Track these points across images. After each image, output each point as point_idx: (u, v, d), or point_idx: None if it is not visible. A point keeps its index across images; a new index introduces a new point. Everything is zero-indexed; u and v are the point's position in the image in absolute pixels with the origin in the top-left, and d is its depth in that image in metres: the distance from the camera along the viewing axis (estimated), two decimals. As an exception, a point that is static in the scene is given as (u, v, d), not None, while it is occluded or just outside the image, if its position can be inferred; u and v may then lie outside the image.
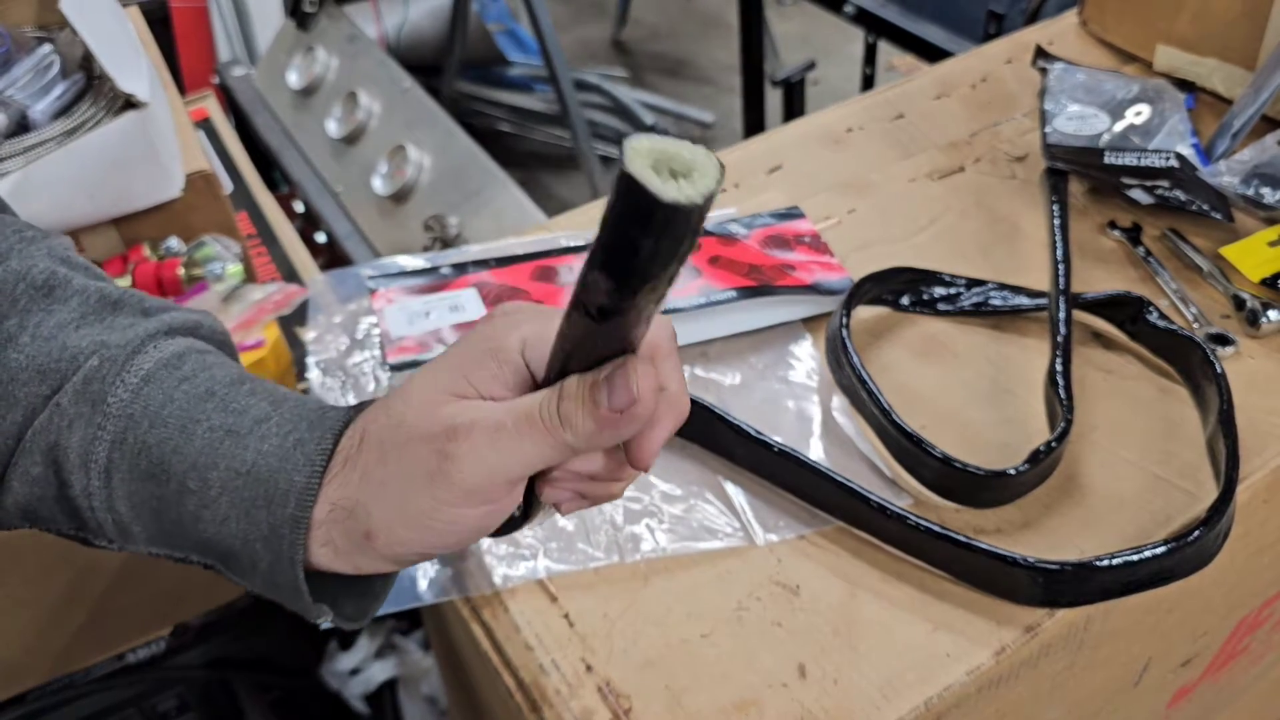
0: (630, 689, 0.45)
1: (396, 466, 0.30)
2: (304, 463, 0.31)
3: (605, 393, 0.29)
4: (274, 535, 0.31)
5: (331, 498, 0.31)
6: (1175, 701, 0.65)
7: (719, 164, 0.23)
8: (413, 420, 0.30)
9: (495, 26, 2.17)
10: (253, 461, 0.31)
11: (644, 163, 0.23)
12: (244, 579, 0.33)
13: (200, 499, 0.31)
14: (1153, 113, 0.70)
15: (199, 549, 0.33)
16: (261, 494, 0.31)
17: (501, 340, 0.31)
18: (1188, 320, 0.60)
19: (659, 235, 0.23)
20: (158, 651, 0.76)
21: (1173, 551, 0.45)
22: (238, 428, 0.32)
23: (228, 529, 0.31)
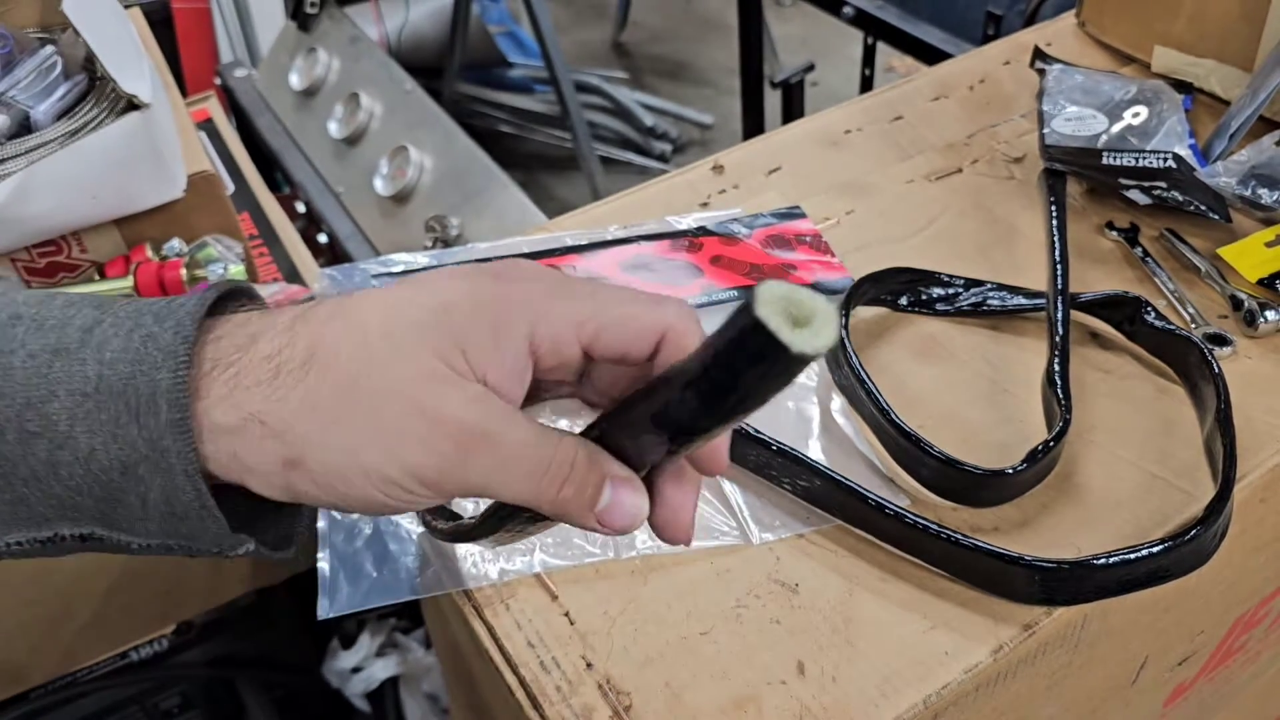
0: (630, 686, 0.45)
1: (364, 418, 0.26)
2: (162, 358, 0.26)
3: (606, 502, 0.28)
4: (156, 451, 0.26)
5: (247, 407, 0.26)
6: (1173, 700, 0.65)
7: (836, 312, 0.24)
8: (402, 377, 0.26)
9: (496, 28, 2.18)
10: (97, 375, 0.26)
11: (775, 310, 0.22)
12: (134, 532, 0.27)
13: (50, 441, 0.26)
14: (1150, 114, 0.70)
15: (68, 510, 0.27)
16: (123, 408, 0.26)
17: (508, 319, 0.27)
18: (1185, 320, 0.60)
19: (773, 379, 0.24)
20: (160, 649, 0.76)
21: (1170, 550, 0.46)
22: (64, 344, 0.26)
23: (97, 464, 0.26)
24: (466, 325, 0.27)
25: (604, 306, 0.28)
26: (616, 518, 0.28)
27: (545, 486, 0.27)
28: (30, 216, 0.61)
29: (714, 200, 0.71)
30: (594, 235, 0.66)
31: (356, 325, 0.27)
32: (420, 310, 0.27)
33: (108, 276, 0.66)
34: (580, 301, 0.28)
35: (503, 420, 0.27)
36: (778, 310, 0.22)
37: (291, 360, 0.26)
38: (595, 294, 0.28)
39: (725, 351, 0.24)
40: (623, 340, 0.28)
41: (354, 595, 0.50)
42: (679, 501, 0.30)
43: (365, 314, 0.27)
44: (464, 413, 0.26)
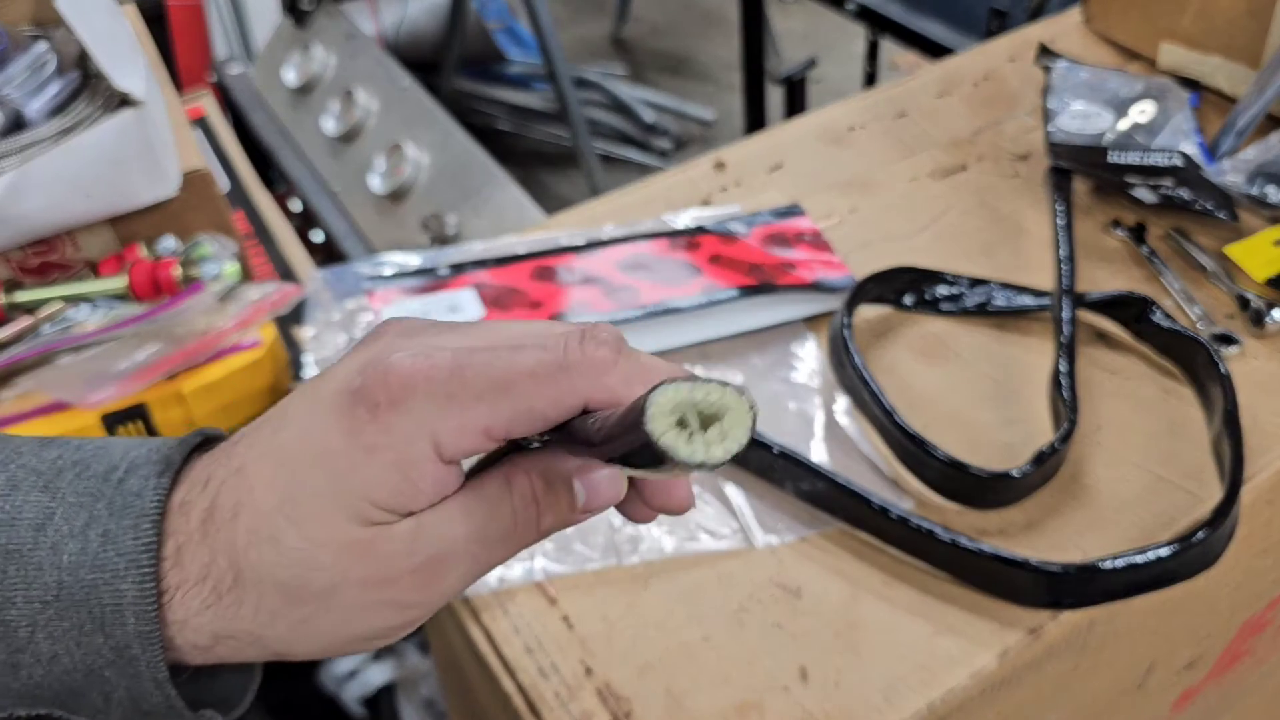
0: (630, 692, 0.44)
1: (324, 612, 0.25)
2: (124, 566, 0.25)
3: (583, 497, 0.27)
4: (123, 658, 0.25)
5: (213, 627, 0.25)
6: (1180, 704, 0.65)
7: (751, 409, 0.22)
8: (331, 564, 0.25)
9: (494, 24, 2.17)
10: (56, 583, 0.25)
11: (668, 422, 0.21)
12: (95, 718, 0.27)
13: (10, 644, 0.25)
14: (1157, 111, 0.70)
15: (25, 701, 0.26)
16: (87, 617, 0.25)
17: (409, 454, 0.24)
18: (1192, 320, 0.59)
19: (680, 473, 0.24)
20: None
21: (1177, 553, 0.45)
22: (15, 544, 0.25)
23: (59, 666, 0.25)
24: (371, 481, 0.25)
25: (501, 403, 0.25)
26: (599, 501, 0.27)
27: (524, 536, 0.27)
28: (23, 215, 0.60)
29: (715, 198, 0.70)
30: (590, 235, 0.66)
31: (260, 521, 0.25)
32: (309, 473, 0.25)
33: (101, 275, 0.65)
34: (475, 408, 0.24)
35: (447, 537, 0.25)
36: (672, 420, 0.21)
37: (223, 582, 0.25)
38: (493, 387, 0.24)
39: (629, 449, 0.23)
40: (537, 426, 0.25)
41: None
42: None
43: (260, 501, 0.25)
44: (409, 561, 0.25)
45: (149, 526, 0.25)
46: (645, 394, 0.22)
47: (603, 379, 0.25)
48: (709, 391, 0.22)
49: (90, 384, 0.65)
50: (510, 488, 0.26)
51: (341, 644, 0.26)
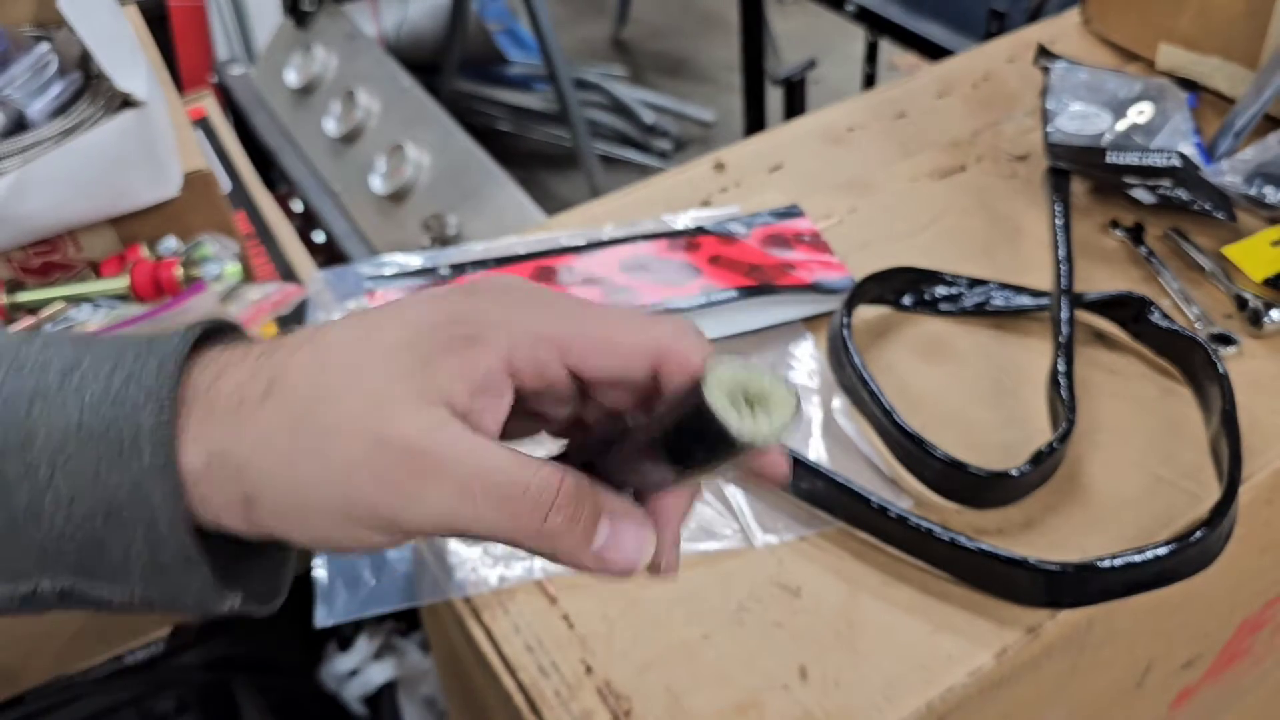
0: (630, 691, 0.45)
1: (315, 454, 0.24)
2: (144, 399, 0.24)
3: (605, 537, 0.25)
4: (139, 495, 0.24)
5: (211, 444, 0.25)
6: (1178, 703, 0.65)
7: (796, 396, 0.23)
8: (356, 408, 0.24)
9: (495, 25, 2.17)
10: (78, 418, 0.24)
11: (723, 394, 0.22)
12: (115, 585, 0.26)
13: (31, 486, 0.24)
14: (1155, 112, 0.70)
15: (49, 562, 0.25)
16: (105, 451, 0.24)
17: (481, 339, 0.25)
18: (1190, 320, 0.60)
19: (725, 458, 0.24)
20: (156, 652, 0.76)
21: (1175, 552, 0.45)
22: (42, 387, 0.25)
23: (79, 510, 0.25)
24: (434, 347, 0.25)
25: (588, 326, 0.26)
26: (618, 557, 0.25)
27: (525, 515, 0.24)
28: (25, 215, 0.60)
29: (715, 198, 0.70)
30: (590, 236, 0.66)
31: (319, 354, 0.25)
32: (386, 334, 0.25)
33: (103, 275, 0.65)
34: (563, 321, 0.25)
35: (463, 443, 0.24)
36: (727, 395, 0.23)
37: (253, 393, 0.25)
38: (581, 312, 0.26)
39: (676, 426, 0.24)
40: (612, 362, 0.26)
41: (352, 603, 0.50)
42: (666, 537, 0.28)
43: (330, 342, 0.25)
44: (417, 438, 0.24)
45: (172, 365, 0.25)
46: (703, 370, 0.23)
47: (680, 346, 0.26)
48: (758, 377, 0.23)
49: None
50: (541, 467, 0.25)
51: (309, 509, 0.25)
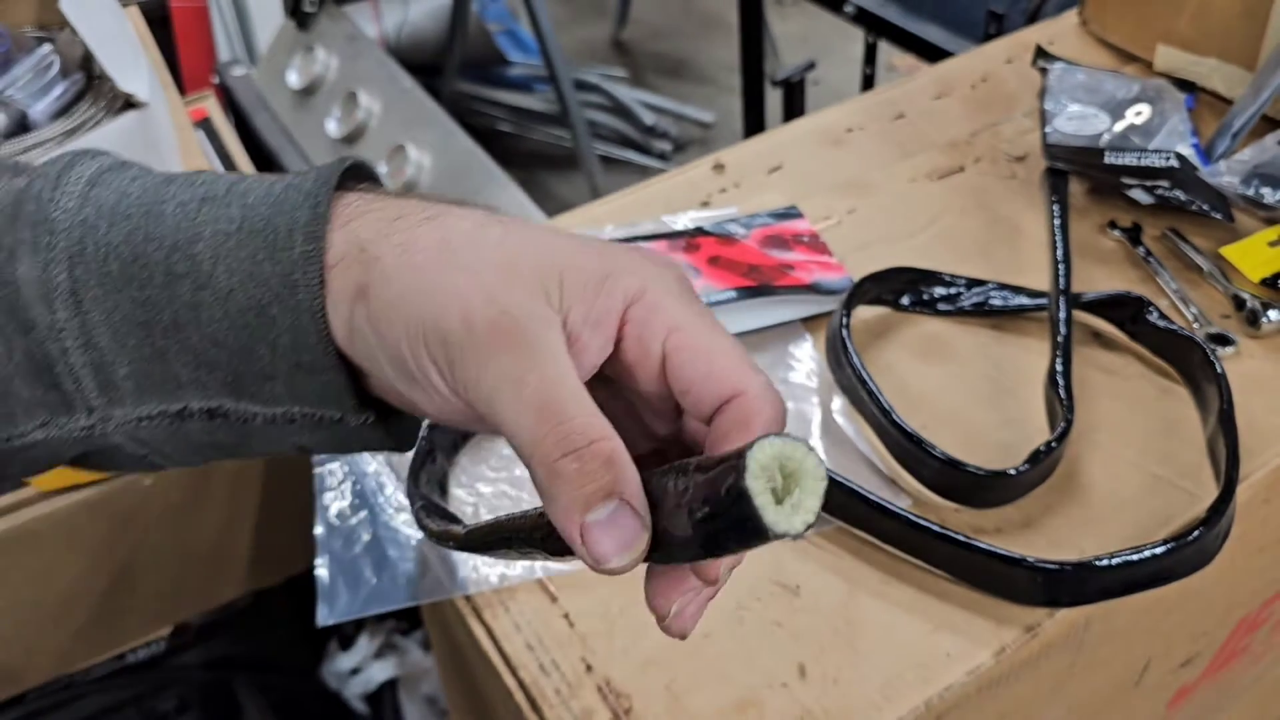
0: (630, 689, 0.45)
1: (440, 275, 0.25)
2: (302, 199, 0.26)
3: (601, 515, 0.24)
4: (287, 286, 0.25)
5: (357, 236, 0.26)
6: (1176, 702, 0.65)
7: (826, 478, 0.23)
8: (493, 269, 0.25)
9: (495, 26, 2.17)
10: (240, 217, 0.26)
11: (763, 478, 0.22)
12: (261, 397, 0.27)
13: (195, 280, 0.26)
14: (1153, 113, 0.70)
15: (202, 373, 0.26)
16: (261, 244, 0.25)
17: (623, 278, 0.26)
18: (1188, 320, 0.60)
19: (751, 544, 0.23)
20: (157, 652, 0.76)
21: (1173, 551, 0.45)
22: (212, 194, 0.27)
23: (235, 304, 0.26)
24: (578, 264, 0.26)
25: (700, 331, 0.26)
26: (605, 539, 0.24)
27: (548, 440, 0.24)
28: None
29: (714, 199, 0.70)
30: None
31: (492, 223, 0.27)
32: (549, 234, 0.27)
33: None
34: (683, 310, 0.26)
35: (554, 348, 0.25)
36: (766, 475, 0.22)
37: (417, 215, 0.26)
38: (701, 317, 0.26)
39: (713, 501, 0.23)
40: (694, 374, 0.26)
41: (353, 602, 0.50)
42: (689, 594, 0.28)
43: (508, 223, 0.27)
44: (525, 317, 0.25)
45: (329, 174, 0.27)
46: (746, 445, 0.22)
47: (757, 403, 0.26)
48: (796, 447, 0.22)
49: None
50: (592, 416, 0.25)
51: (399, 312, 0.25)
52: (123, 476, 0.67)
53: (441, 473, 0.54)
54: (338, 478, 0.57)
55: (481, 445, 0.56)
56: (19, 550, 0.66)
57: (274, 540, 0.76)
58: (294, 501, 0.66)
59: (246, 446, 0.29)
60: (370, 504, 0.55)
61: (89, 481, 0.66)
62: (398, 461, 0.56)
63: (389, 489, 0.55)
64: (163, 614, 0.76)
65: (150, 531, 0.70)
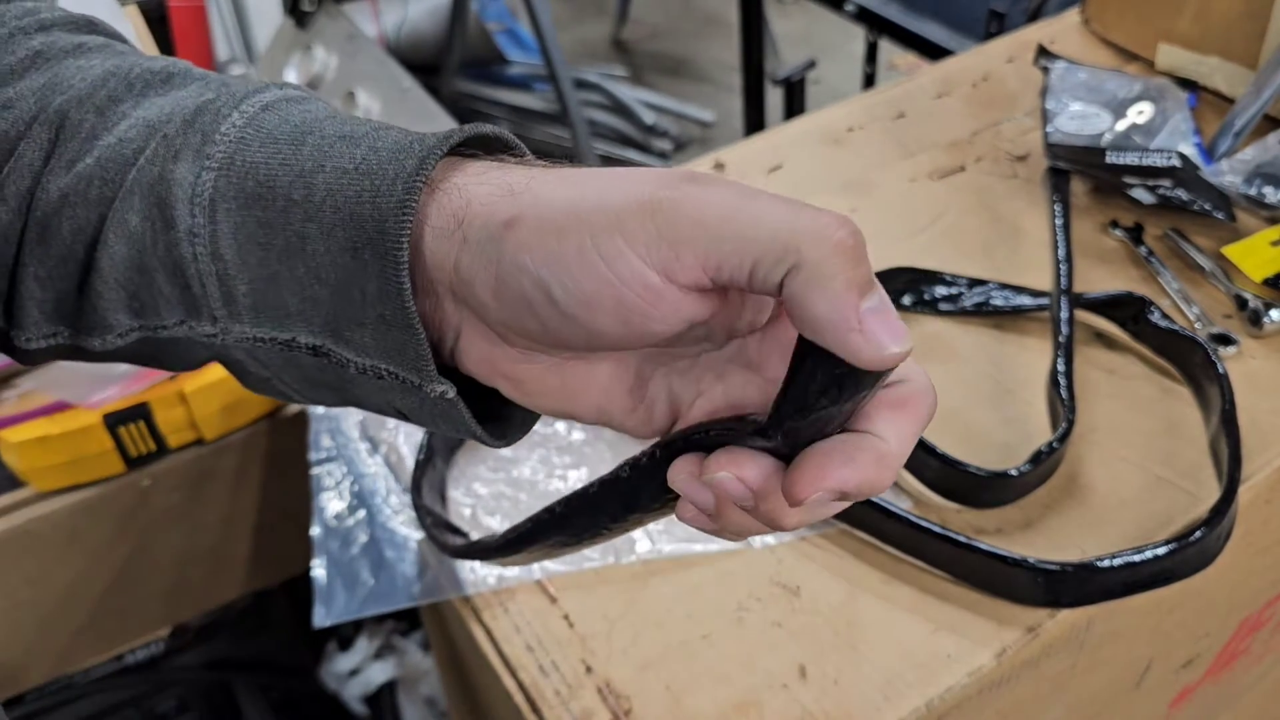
0: (630, 690, 0.45)
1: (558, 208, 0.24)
2: (419, 149, 0.26)
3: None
4: (379, 233, 0.25)
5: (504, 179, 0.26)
6: (1177, 702, 0.65)
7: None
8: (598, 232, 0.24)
9: (495, 25, 2.17)
10: (362, 158, 0.26)
11: None
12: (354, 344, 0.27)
13: (305, 210, 0.26)
14: (1155, 112, 0.70)
15: (308, 306, 0.27)
16: (367, 187, 0.26)
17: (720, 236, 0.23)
18: (1190, 320, 0.60)
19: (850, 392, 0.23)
20: (157, 652, 0.76)
21: (1174, 552, 0.45)
22: (353, 134, 0.27)
23: (335, 242, 0.26)
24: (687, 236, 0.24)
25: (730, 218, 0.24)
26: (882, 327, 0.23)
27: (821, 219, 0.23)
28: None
29: (714, 199, 0.70)
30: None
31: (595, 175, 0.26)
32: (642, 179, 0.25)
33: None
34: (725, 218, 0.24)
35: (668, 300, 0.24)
36: None
37: (539, 167, 0.26)
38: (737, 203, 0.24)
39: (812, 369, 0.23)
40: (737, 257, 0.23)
41: (351, 603, 0.50)
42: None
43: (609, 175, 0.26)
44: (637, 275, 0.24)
45: (454, 133, 0.26)
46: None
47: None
48: None
49: (92, 384, 0.65)
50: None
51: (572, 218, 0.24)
52: (121, 477, 0.67)
53: (440, 478, 0.54)
54: (335, 478, 0.56)
55: (478, 447, 0.56)
56: (18, 551, 0.66)
57: (273, 541, 0.76)
58: (293, 502, 0.66)
59: (352, 394, 0.29)
60: (368, 505, 0.54)
61: (88, 482, 0.66)
62: (396, 462, 0.56)
63: (387, 490, 0.55)
64: (162, 615, 0.76)
65: (149, 532, 0.70)
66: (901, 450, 0.24)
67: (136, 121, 0.28)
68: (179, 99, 0.29)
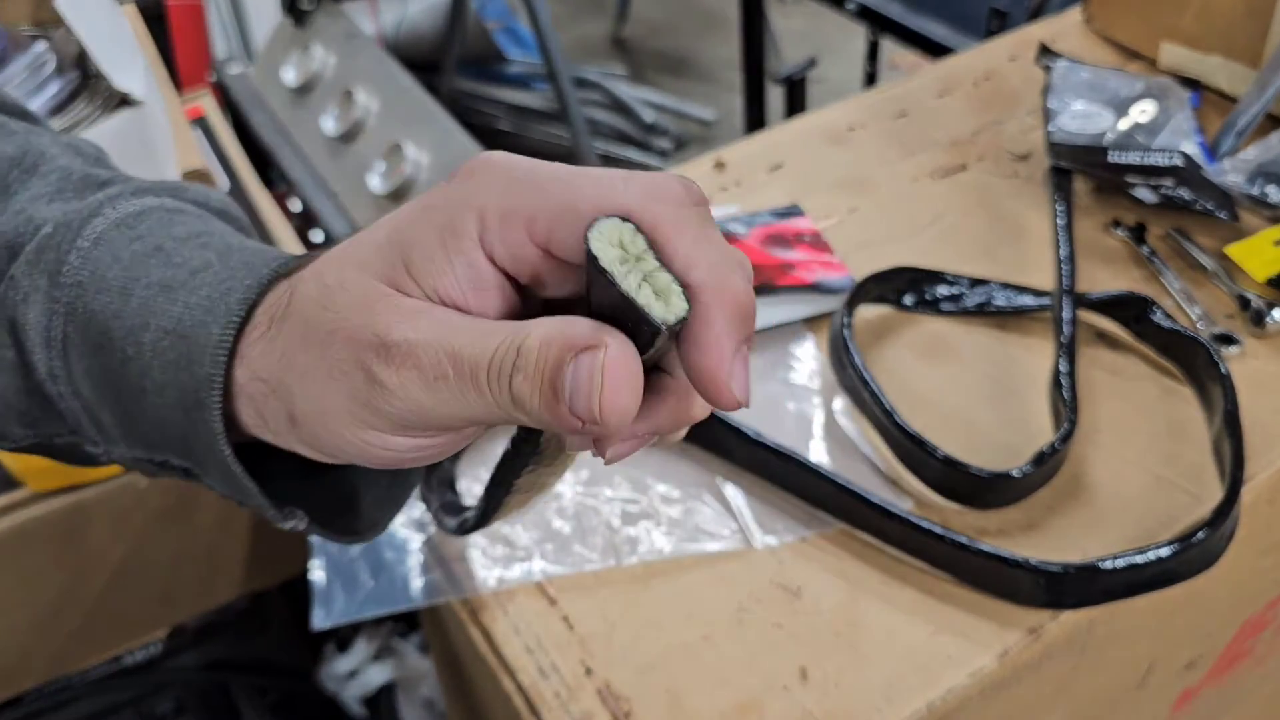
0: (630, 692, 0.44)
1: (318, 361, 0.24)
2: (224, 312, 0.26)
3: (567, 386, 0.22)
4: (197, 403, 0.26)
5: (255, 366, 0.26)
6: (1180, 704, 0.65)
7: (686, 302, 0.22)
8: (341, 307, 0.24)
9: (494, 24, 2.17)
10: (178, 316, 0.26)
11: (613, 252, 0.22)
12: (208, 476, 0.28)
13: (139, 367, 0.27)
14: (1157, 110, 0.69)
15: (165, 439, 0.28)
16: (184, 353, 0.26)
17: (455, 219, 0.23)
18: (1192, 320, 0.59)
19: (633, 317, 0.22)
20: (155, 653, 0.76)
21: (1177, 553, 0.45)
22: (173, 281, 0.27)
23: (167, 401, 0.27)
24: (413, 239, 0.24)
25: (552, 195, 0.23)
26: (579, 395, 0.22)
27: (491, 387, 0.22)
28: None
29: (715, 198, 0.70)
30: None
31: (323, 265, 0.26)
32: (375, 234, 0.25)
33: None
34: (532, 194, 0.23)
35: (437, 328, 0.23)
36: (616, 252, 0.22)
37: (278, 309, 0.26)
38: (551, 181, 0.23)
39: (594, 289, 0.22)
40: (571, 236, 0.23)
41: (350, 605, 0.50)
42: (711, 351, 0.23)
43: (334, 252, 0.26)
44: (389, 330, 0.23)
45: (256, 287, 0.26)
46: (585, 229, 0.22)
47: (657, 205, 0.23)
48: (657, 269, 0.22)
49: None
50: (513, 330, 0.23)
51: (328, 419, 0.25)
52: (118, 478, 0.67)
53: (449, 475, 0.54)
54: (335, 479, 0.56)
55: (481, 446, 0.55)
56: (15, 551, 0.66)
57: (271, 542, 0.76)
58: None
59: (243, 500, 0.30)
60: (368, 505, 0.54)
61: (85, 483, 0.66)
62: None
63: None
64: (159, 616, 0.76)
65: (146, 533, 0.70)
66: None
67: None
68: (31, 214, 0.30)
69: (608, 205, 0.23)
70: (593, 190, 0.23)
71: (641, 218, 0.22)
